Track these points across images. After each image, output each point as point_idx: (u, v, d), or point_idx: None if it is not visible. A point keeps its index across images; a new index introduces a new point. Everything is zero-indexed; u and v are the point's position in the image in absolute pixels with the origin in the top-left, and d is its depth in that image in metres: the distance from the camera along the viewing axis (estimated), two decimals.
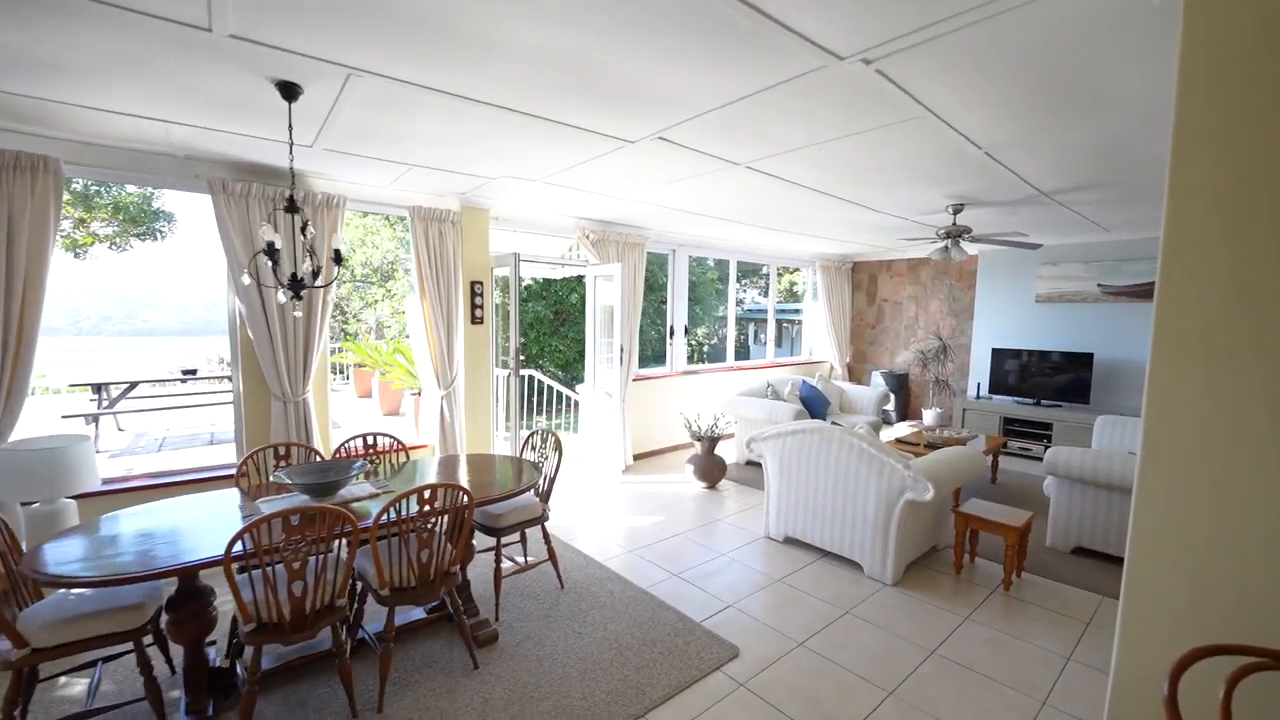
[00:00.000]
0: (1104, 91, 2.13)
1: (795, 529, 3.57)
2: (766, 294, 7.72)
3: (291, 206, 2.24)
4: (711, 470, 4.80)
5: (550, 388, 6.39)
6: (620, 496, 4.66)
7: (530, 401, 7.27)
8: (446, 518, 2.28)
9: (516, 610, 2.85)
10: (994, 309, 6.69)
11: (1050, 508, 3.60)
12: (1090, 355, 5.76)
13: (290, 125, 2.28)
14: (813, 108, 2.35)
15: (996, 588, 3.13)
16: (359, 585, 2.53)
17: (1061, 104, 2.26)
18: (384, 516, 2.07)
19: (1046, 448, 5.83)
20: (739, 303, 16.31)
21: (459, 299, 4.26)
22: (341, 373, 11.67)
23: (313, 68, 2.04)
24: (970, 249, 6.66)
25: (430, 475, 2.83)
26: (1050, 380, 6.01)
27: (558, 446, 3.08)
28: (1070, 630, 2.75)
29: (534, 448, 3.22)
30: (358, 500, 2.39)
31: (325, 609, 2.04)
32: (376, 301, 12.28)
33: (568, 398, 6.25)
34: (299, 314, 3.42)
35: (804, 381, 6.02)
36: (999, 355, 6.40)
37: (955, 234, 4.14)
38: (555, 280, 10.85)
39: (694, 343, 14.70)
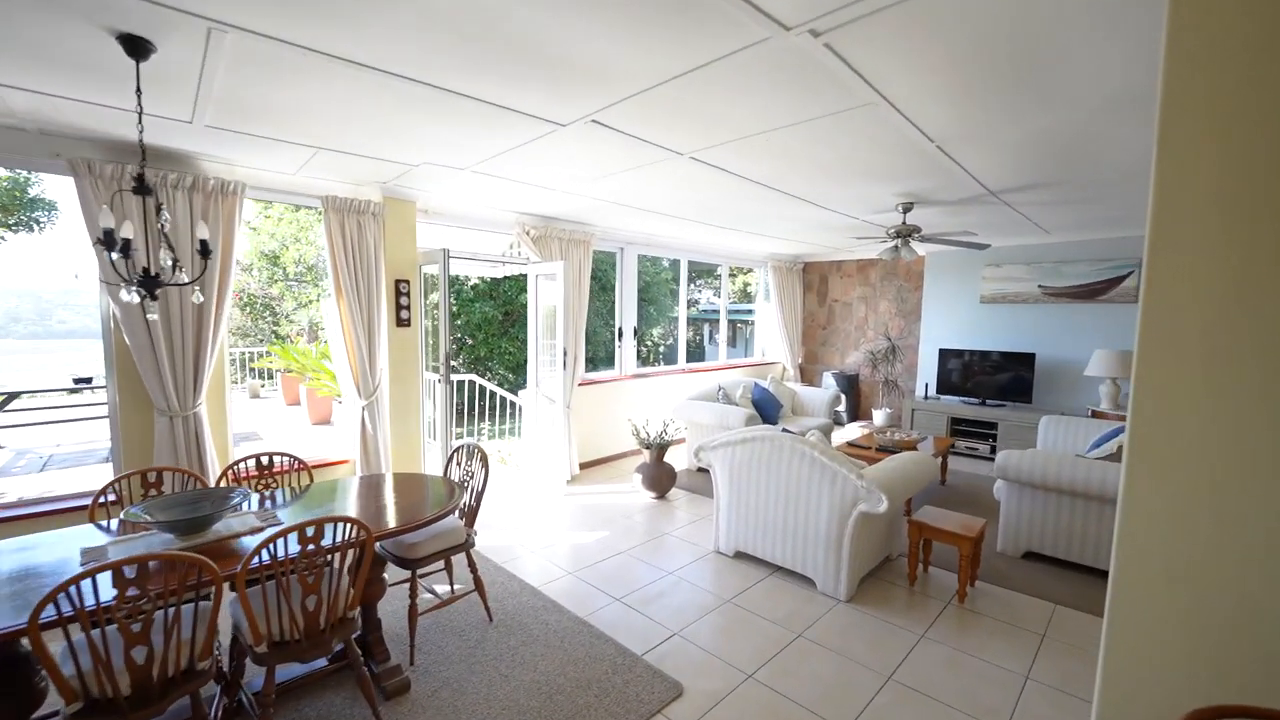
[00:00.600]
0: (1063, 77, 2.01)
1: (746, 543, 3.37)
2: (720, 294, 7.58)
3: (141, 188, 1.85)
4: (661, 479, 4.57)
5: (494, 394, 6.02)
6: (564, 510, 4.37)
7: (473, 408, 6.88)
8: (340, 555, 1.95)
9: (436, 651, 2.52)
10: (941, 309, 6.74)
11: (1001, 512, 3.54)
12: (1032, 355, 5.85)
13: (139, 89, 1.89)
14: (758, 89, 2.14)
15: (951, 600, 3.02)
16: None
17: (1018, 90, 2.13)
18: (255, 559, 1.73)
19: (993, 448, 5.89)
20: (693, 304, 16.23)
21: (381, 299, 3.88)
22: (271, 378, 10.89)
23: (161, 18, 1.67)
24: (920, 249, 6.69)
25: (346, 499, 2.48)
26: (994, 380, 6.08)
27: (484, 462, 2.77)
28: (1026, 644, 2.64)
29: (459, 464, 2.89)
30: (237, 537, 2.03)
31: (182, 675, 1.68)
32: (311, 302, 11.53)
33: (514, 403, 5.90)
34: (199, 298, 2.99)
35: (756, 384, 5.88)
36: (946, 355, 6.44)
37: (905, 233, 4.05)
38: (504, 280, 10.44)
39: (649, 344, 14.51)
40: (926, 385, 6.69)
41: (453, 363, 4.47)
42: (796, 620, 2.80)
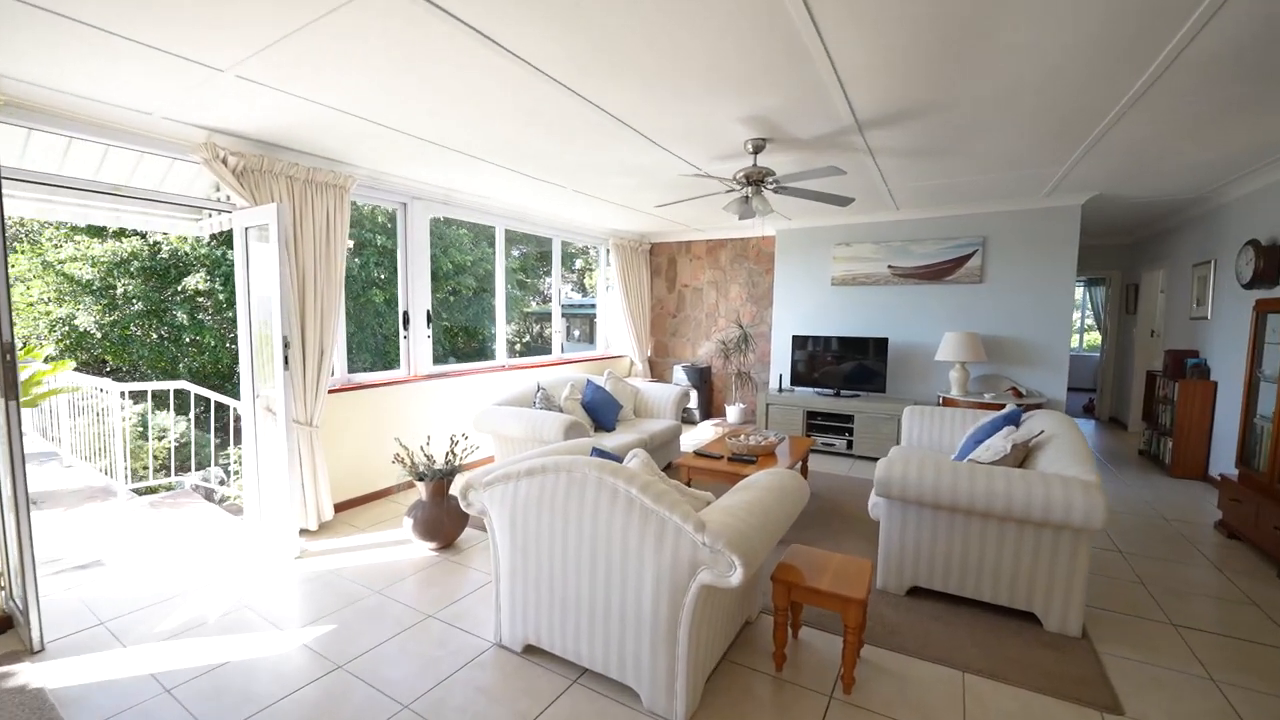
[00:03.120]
0: None
1: (539, 633, 2.15)
2: (551, 273, 6.35)
3: None
4: (441, 523, 3.19)
5: (224, 406, 4.16)
6: (285, 586, 2.81)
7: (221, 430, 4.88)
8: None
9: None
10: (793, 293, 6.15)
11: (880, 537, 2.71)
12: (885, 340, 5.40)
13: None
14: None
15: (835, 688, 2.06)
16: None
17: None
18: None
19: (850, 443, 5.34)
20: (539, 294, 14.76)
21: None
22: None
23: None
24: (771, 227, 6.02)
25: None
26: (848, 368, 5.57)
27: None
28: None
29: None
30: None
31: None
32: None
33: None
34: None
35: (589, 382, 4.72)
36: (799, 343, 5.84)
37: (756, 178, 3.11)
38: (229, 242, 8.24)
39: (482, 339, 12.83)
40: (781, 376, 6.04)
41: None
42: None
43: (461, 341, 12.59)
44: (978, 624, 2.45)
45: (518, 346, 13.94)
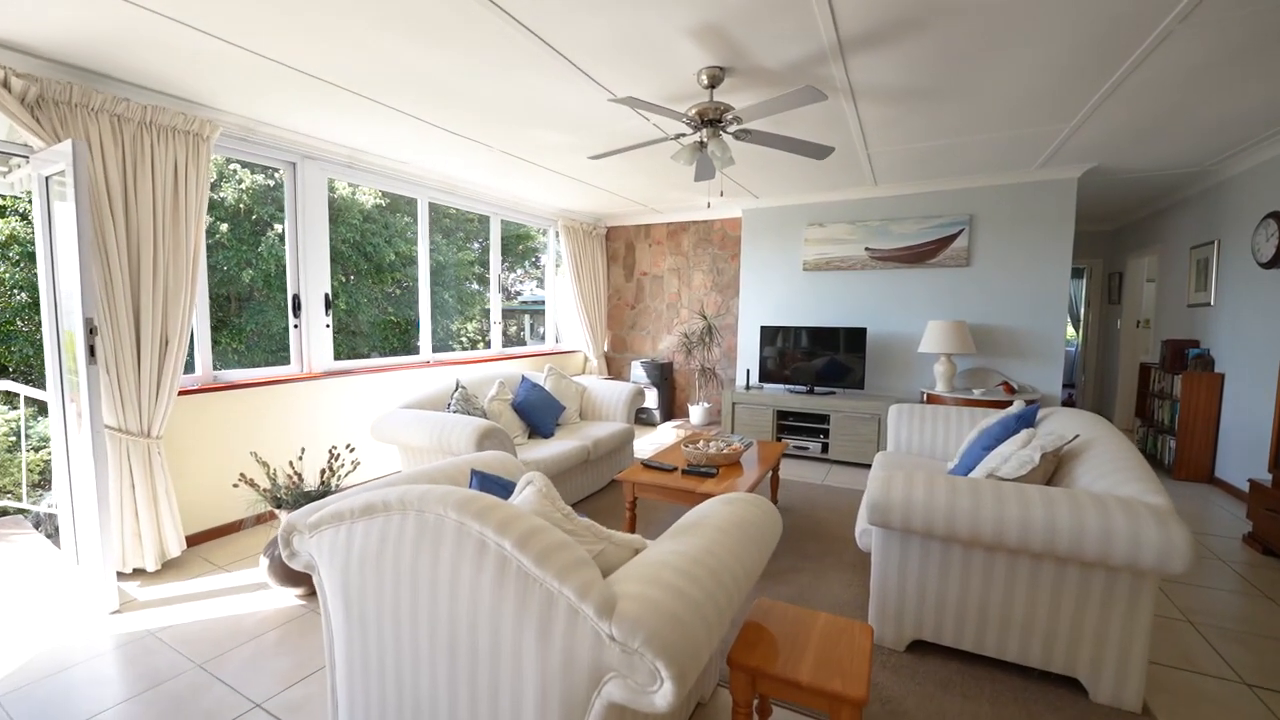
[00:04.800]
0: None
1: None
2: (489, 254, 5.61)
3: None
4: None
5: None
6: (77, 658, 2.03)
7: None
8: None
9: None
10: (761, 279, 5.54)
11: (873, 576, 2.09)
12: (863, 331, 4.83)
13: None
14: None
15: None
16: None
17: None
18: None
19: (825, 445, 4.76)
20: (482, 280, 13.90)
21: None
22: None
23: None
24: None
25: None
26: (822, 362, 4.99)
27: None
28: None
29: None
30: None
31: None
32: None
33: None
34: None
35: (524, 379, 4.01)
36: (768, 335, 5.24)
37: (713, 116, 2.45)
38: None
39: (472, 336, 12.03)
40: (748, 372, 5.43)
41: None
42: None
43: (412, 338, 11.72)
44: (1003, 694, 1.84)
45: (480, 345, 13.10)
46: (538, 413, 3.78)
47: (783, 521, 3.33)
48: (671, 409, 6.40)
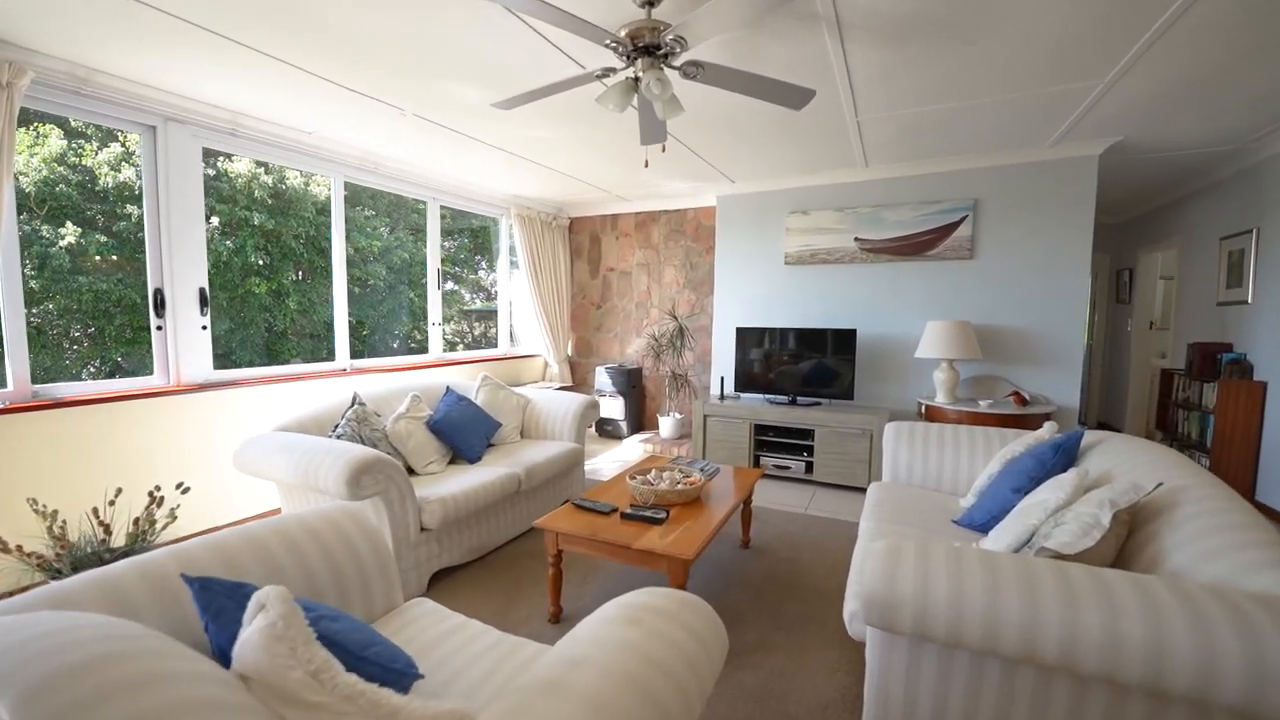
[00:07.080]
0: None
1: None
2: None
3: None
4: None
5: None
6: None
7: None
8: None
9: None
10: (737, 274, 4.92)
11: (867, 690, 1.45)
12: (853, 332, 4.22)
13: None
14: None
15: None
16: None
17: None
18: None
19: (809, 464, 4.13)
20: (455, 278, 13.17)
21: None
22: None
23: None
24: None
25: None
26: (806, 368, 4.37)
27: None
28: None
29: None
30: None
31: None
32: None
33: None
34: None
35: (448, 391, 3.34)
36: (745, 337, 4.61)
37: (650, 42, 1.81)
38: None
39: (421, 335, 11.28)
40: (723, 380, 4.80)
41: None
42: None
43: (377, 340, 11.01)
44: None
45: (459, 348, 12.40)
46: (461, 433, 3.12)
47: (754, 569, 2.69)
48: (640, 420, 5.75)
